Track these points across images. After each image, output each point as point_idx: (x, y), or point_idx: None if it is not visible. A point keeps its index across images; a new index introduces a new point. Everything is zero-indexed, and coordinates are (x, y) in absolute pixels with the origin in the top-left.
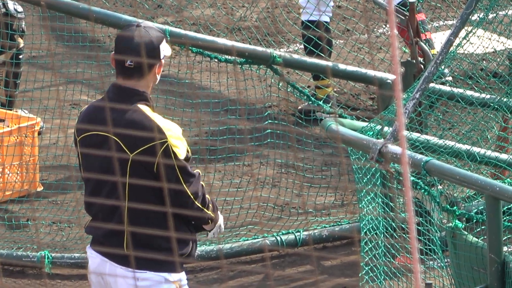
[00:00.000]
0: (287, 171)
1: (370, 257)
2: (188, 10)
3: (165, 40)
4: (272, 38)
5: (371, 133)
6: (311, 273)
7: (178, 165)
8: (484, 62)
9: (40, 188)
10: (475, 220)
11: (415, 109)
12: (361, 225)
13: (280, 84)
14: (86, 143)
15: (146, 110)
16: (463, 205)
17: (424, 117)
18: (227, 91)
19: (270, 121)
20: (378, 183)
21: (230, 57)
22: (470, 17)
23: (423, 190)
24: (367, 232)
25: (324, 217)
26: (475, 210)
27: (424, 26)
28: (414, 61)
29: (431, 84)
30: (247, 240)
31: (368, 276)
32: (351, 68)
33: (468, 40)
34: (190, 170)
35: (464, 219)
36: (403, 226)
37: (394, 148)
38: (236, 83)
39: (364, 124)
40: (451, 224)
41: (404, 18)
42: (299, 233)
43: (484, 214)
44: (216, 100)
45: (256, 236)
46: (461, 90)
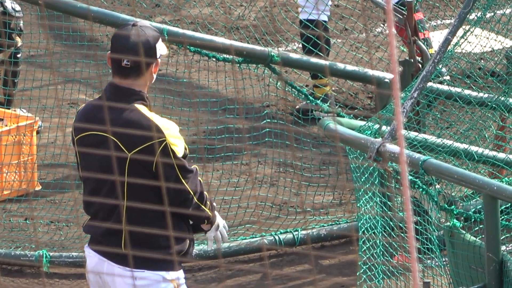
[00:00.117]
0: (285, 170)
1: (368, 256)
2: (186, 9)
3: (161, 39)
4: (271, 37)
5: (369, 132)
6: (309, 272)
7: (177, 163)
8: (482, 61)
9: (38, 187)
10: (473, 219)
11: (413, 108)
12: (359, 224)
13: (278, 83)
14: (84, 143)
15: (144, 110)
16: (461, 204)
17: (422, 116)
18: (225, 90)
19: (268, 120)
20: (376, 182)
21: (228, 56)
22: (468, 16)
23: (421, 189)
24: (365, 231)
25: (322, 216)
26: (473, 209)
27: (422, 25)
28: (412, 60)
29: (429, 83)
30: (245, 239)
31: (366, 275)
32: (349, 67)
33: (466, 39)
34: (188, 167)
35: (462, 218)
36: (401, 225)
37: (392, 147)
38: (234, 82)
39: (362, 123)
40: (449, 223)
41: (402, 17)
42: (297, 232)
43: (482, 213)
44: (214, 99)
45: (254, 235)
46: (459, 89)
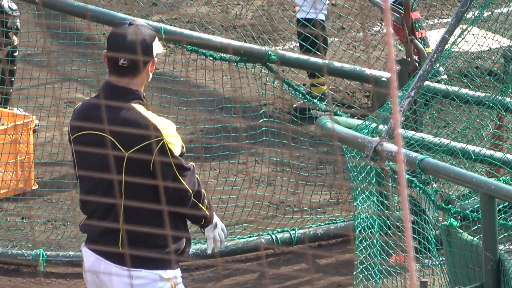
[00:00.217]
0: (282, 169)
1: (364, 255)
2: (183, 8)
3: (157, 37)
4: (268, 36)
5: (366, 131)
6: (306, 271)
7: (174, 161)
8: (479, 60)
9: (35, 187)
10: (470, 218)
11: (410, 107)
12: (355, 223)
13: (276, 82)
14: (81, 142)
15: (141, 109)
16: (458, 203)
17: (419, 115)
18: (222, 89)
19: (265, 119)
20: (373, 181)
21: (225, 55)
22: (465, 15)
23: (418, 188)
24: (362, 230)
25: (319, 215)
26: (470, 208)
27: (420, 24)
28: (409, 59)
29: (426, 82)
30: (242, 238)
31: (363, 274)
32: (346, 66)
33: (463, 38)
34: (185, 165)
35: (459, 217)
36: (398, 224)
37: (389, 146)
38: (231, 81)
39: (359, 122)
40: (446, 222)
41: (399, 16)
42: (294, 231)
43: (479, 212)
44: (211, 98)
45: (251, 235)
46: (456, 88)
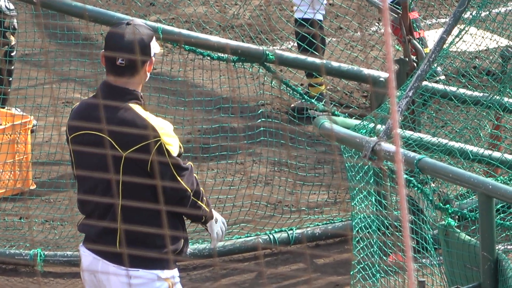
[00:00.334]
0: (280, 169)
1: (362, 256)
2: (181, 8)
3: (154, 37)
4: (265, 36)
5: (364, 131)
6: (304, 271)
7: (172, 162)
8: (477, 60)
9: (33, 186)
10: (468, 218)
11: (408, 107)
12: (353, 223)
13: (273, 82)
14: (78, 142)
15: (138, 109)
16: (456, 203)
17: (417, 115)
18: (220, 89)
19: (263, 119)
20: (371, 181)
21: (222, 54)
22: (463, 15)
23: (416, 188)
24: (359, 230)
25: (317, 215)
26: (468, 208)
27: (418, 24)
28: (407, 59)
29: (424, 82)
30: (240, 238)
31: (360, 274)
32: (344, 66)
33: (461, 38)
34: (183, 165)
35: (457, 217)
36: (396, 224)
37: (387, 146)
38: (229, 81)
39: (357, 122)
40: (444, 222)
41: (397, 16)
42: (292, 231)
43: (477, 212)
44: (209, 98)
45: (249, 234)
46: (454, 88)
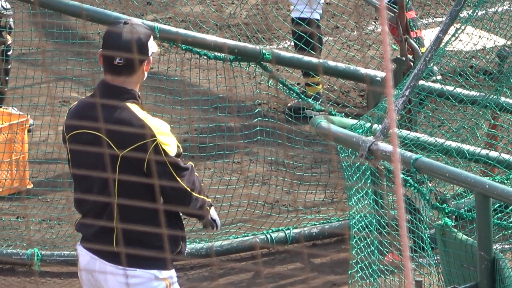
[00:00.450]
0: (277, 169)
1: (360, 256)
2: (178, 7)
3: (152, 36)
4: (262, 35)
5: (361, 130)
6: (301, 270)
7: (170, 161)
8: (474, 60)
9: (30, 186)
10: (465, 218)
11: (405, 106)
12: (351, 223)
13: (270, 81)
14: (76, 141)
15: (135, 109)
16: (453, 202)
17: (413, 114)
18: (217, 88)
19: (260, 118)
20: (368, 181)
21: (219, 54)
22: (459, 14)
23: (412, 188)
24: (357, 230)
25: (314, 214)
26: (465, 208)
27: (415, 24)
28: (404, 58)
29: (421, 82)
30: (237, 237)
31: (358, 274)
32: (341, 65)
33: (457, 38)
34: (183, 165)
35: (454, 216)
36: (393, 223)
37: (384, 146)
38: (225, 80)
39: (354, 121)
40: (440, 221)
41: (393, 15)
42: (289, 230)
43: (474, 211)
44: (205, 97)
45: (246, 234)
46: (450, 88)
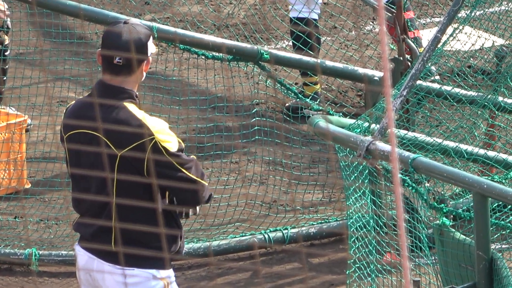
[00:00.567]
0: (275, 168)
1: (358, 256)
2: (176, 7)
3: (151, 37)
4: (260, 35)
5: (359, 130)
6: (299, 270)
7: (173, 157)
8: (472, 60)
9: (28, 185)
10: (463, 218)
11: (403, 106)
12: (349, 222)
13: (268, 81)
14: (74, 141)
15: (132, 108)
16: (451, 202)
17: (411, 114)
18: (215, 88)
19: (258, 118)
20: (366, 181)
21: (217, 54)
22: (457, 14)
23: (410, 187)
24: (355, 229)
25: (312, 214)
26: (463, 208)
27: (413, 24)
28: (401, 58)
29: (418, 81)
30: (235, 237)
31: (356, 274)
32: (339, 65)
33: (455, 38)
34: (186, 158)
35: (451, 216)
36: (391, 223)
37: (382, 145)
38: (223, 80)
39: (352, 121)
40: (438, 221)
41: (391, 15)
42: (287, 230)
43: (472, 211)
44: (203, 97)
45: (244, 234)
46: (448, 87)
